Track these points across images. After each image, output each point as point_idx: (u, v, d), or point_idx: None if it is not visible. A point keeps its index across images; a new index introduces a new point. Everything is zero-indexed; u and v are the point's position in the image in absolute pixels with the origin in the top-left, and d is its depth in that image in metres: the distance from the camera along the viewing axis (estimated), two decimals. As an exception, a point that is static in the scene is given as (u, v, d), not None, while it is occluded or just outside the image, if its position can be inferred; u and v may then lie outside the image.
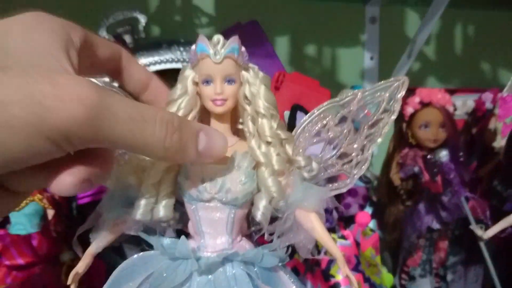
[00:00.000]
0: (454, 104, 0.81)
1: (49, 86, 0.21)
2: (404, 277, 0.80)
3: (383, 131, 0.44)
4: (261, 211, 0.37)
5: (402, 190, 0.81)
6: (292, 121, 0.64)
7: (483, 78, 1.03)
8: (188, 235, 0.40)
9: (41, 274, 0.61)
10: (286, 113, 0.71)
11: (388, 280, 0.78)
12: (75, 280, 0.39)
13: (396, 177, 0.81)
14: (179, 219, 0.41)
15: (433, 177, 0.68)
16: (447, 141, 0.76)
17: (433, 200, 0.74)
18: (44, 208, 0.64)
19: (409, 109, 0.79)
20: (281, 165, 0.38)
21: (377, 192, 0.84)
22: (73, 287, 0.39)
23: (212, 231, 0.38)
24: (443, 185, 0.67)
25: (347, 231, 0.66)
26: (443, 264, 0.78)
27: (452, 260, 0.78)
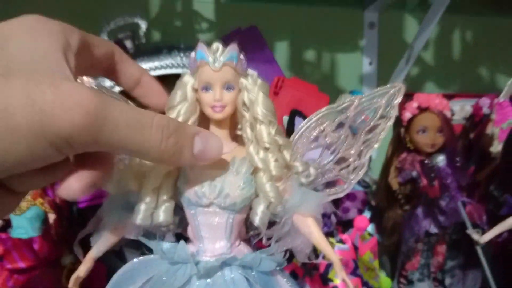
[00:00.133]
0: (452, 109, 0.82)
1: (51, 93, 0.21)
2: (403, 281, 0.80)
3: (380, 137, 0.45)
4: (259, 216, 0.38)
5: (401, 195, 0.81)
6: (291, 126, 0.65)
7: (481, 84, 1.03)
8: (188, 239, 0.41)
9: (42, 278, 0.62)
10: (285, 118, 0.71)
11: (386, 284, 0.78)
12: (76, 284, 0.39)
13: (395, 182, 0.81)
14: (179, 224, 0.41)
15: (431, 182, 0.69)
16: (445, 146, 0.77)
17: (431, 205, 0.74)
18: (46, 212, 0.65)
19: (407, 114, 0.80)
20: (279, 171, 0.39)
21: (376, 197, 0.84)
22: (74, 291, 0.39)
23: (211, 236, 0.38)
24: (441, 190, 0.68)
25: (345, 235, 0.66)
26: (441, 268, 0.79)
27: (450, 264, 0.78)
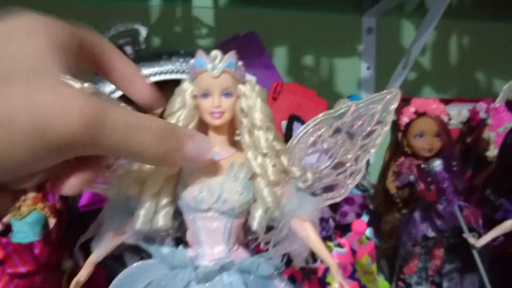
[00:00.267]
0: (449, 114, 0.83)
1: (51, 97, 0.22)
2: (401, 285, 0.80)
3: (377, 142, 0.46)
4: (257, 221, 0.38)
5: (398, 199, 0.81)
6: (289, 132, 0.66)
7: (478, 88, 1.04)
8: (187, 244, 0.42)
9: (43, 282, 0.62)
10: (284, 123, 0.72)
11: (385, 288, 0.79)
12: (77, 288, 0.40)
13: (392, 186, 0.82)
14: (178, 228, 0.42)
15: (428, 186, 0.69)
16: (442, 150, 0.77)
17: (428, 209, 0.75)
18: (46, 217, 0.65)
19: (405, 119, 0.81)
20: (277, 176, 0.39)
21: (374, 201, 0.85)
22: (75, 295, 0.39)
23: (210, 240, 0.39)
24: (437, 194, 0.68)
25: (343, 239, 0.67)
26: (439, 272, 0.79)
27: (448, 268, 0.79)
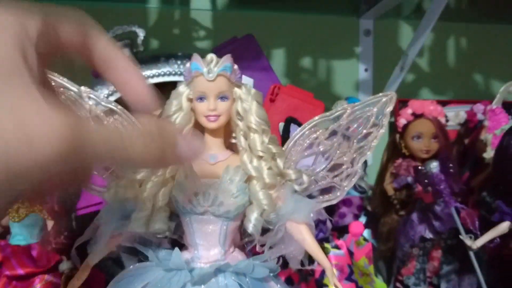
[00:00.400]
0: (446, 116, 0.83)
1: (15, 123, 0.18)
2: (399, 286, 0.80)
3: (372, 144, 0.46)
4: (253, 223, 0.39)
5: (396, 200, 0.82)
6: (286, 134, 0.66)
7: (475, 90, 1.04)
8: (183, 246, 0.42)
9: (41, 284, 0.62)
10: (281, 125, 0.72)
11: (382, 289, 0.79)
12: (74, 290, 0.40)
13: (390, 187, 0.82)
14: (174, 231, 0.42)
15: (425, 188, 0.69)
16: (440, 152, 0.78)
17: (426, 210, 0.75)
18: (44, 219, 0.65)
19: (402, 121, 0.81)
20: (272, 179, 0.40)
21: (371, 202, 0.85)
22: (72, 297, 0.40)
23: (206, 243, 0.39)
24: (434, 196, 0.68)
25: (341, 241, 0.67)
26: (437, 273, 0.79)
27: (446, 269, 0.79)
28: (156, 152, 0.25)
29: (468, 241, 0.61)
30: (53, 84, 0.43)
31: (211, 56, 0.39)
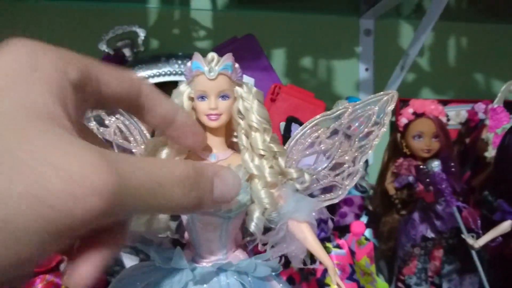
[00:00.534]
0: (447, 115, 0.83)
1: (55, 180, 0.17)
2: (400, 286, 0.80)
3: (374, 143, 0.46)
4: (255, 222, 0.39)
5: (397, 200, 0.82)
6: (287, 133, 0.66)
7: (476, 89, 1.04)
8: (185, 246, 0.42)
9: (42, 284, 0.62)
10: (282, 124, 0.72)
11: (384, 289, 0.79)
12: (75, 290, 0.40)
13: (391, 187, 0.82)
14: (176, 230, 0.42)
15: (426, 187, 0.69)
16: (441, 151, 0.77)
17: (427, 210, 0.75)
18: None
19: (403, 120, 0.81)
20: (274, 177, 0.39)
21: (373, 202, 0.85)
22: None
23: (207, 242, 0.39)
24: (436, 195, 0.68)
25: (342, 241, 0.66)
26: (439, 273, 0.79)
27: (448, 269, 0.79)
28: (195, 201, 0.24)
29: (470, 240, 0.61)
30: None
31: (212, 55, 0.39)
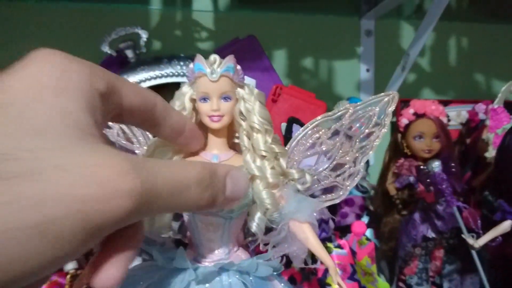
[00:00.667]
0: (448, 115, 0.83)
1: (88, 182, 0.19)
2: (401, 286, 0.80)
3: (375, 144, 0.46)
4: (256, 222, 0.39)
5: (398, 200, 0.82)
6: (289, 134, 0.66)
7: (476, 90, 1.05)
8: (187, 245, 0.42)
9: (45, 284, 0.62)
10: (283, 125, 0.73)
11: (385, 289, 0.79)
12: (79, 290, 0.40)
13: (392, 187, 0.82)
14: (178, 230, 0.42)
15: (427, 187, 0.70)
16: (441, 152, 0.78)
17: (428, 210, 0.75)
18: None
19: (404, 120, 0.81)
20: (275, 178, 0.40)
21: (373, 202, 0.85)
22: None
23: (209, 242, 0.39)
24: (436, 195, 0.69)
25: (343, 241, 0.67)
26: (439, 273, 0.79)
27: (448, 269, 0.79)
28: (209, 199, 0.26)
29: (471, 240, 0.61)
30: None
31: (214, 57, 0.39)
